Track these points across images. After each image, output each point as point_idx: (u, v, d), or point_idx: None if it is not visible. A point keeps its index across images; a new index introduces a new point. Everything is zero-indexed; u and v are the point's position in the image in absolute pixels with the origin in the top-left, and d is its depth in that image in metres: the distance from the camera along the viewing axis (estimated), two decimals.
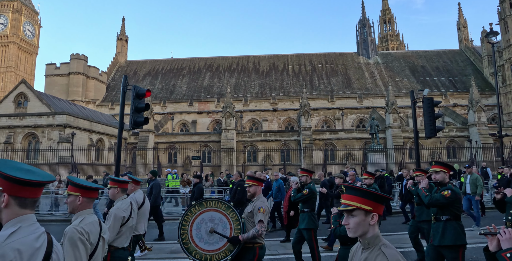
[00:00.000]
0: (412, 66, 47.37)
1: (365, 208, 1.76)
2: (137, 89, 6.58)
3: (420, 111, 42.57)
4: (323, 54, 50.93)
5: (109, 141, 34.11)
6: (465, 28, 49.18)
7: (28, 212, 1.53)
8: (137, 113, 6.56)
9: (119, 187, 3.88)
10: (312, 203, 5.87)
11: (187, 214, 3.98)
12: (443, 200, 4.10)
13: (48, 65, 44.15)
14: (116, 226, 3.61)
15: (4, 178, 1.49)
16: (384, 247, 1.73)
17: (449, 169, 4.39)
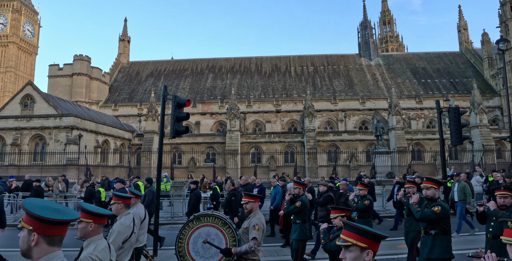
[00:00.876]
0: (413, 68, 47.79)
1: (360, 245, 1.87)
2: (177, 99, 6.76)
3: (422, 113, 42.84)
4: (325, 56, 51.23)
5: (114, 142, 34.21)
6: (465, 30, 49.66)
7: (56, 250, 1.65)
8: (177, 122, 6.73)
9: (123, 202, 3.96)
10: (304, 215, 6.02)
11: (185, 228, 4.12)
12: (434, 215, 4.28)
13: (51, 66, 44.10)
14: (117, 241, 3.66)
15: (35, 219, 1.61)
16: None
17: (439, 185, 4.57)
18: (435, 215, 4.27)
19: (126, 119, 42.87)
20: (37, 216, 1.60)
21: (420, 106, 41.39)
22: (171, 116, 6.62)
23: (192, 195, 8.98)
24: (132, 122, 42.95)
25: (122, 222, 3.78)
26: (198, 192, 9.27)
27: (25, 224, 1.64)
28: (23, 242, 1.63)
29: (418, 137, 36.51)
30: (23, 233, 1.64)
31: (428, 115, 41.47)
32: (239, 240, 4.00)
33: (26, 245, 1.62)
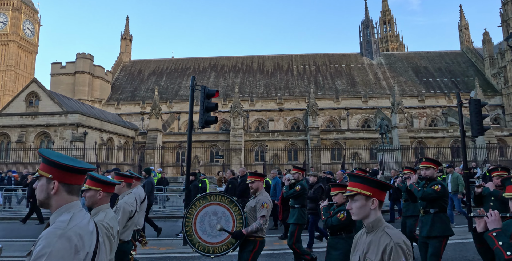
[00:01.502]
0: (415, 67, 48.03)
1: (364, 193, 1.90)
2: (206, 90, 6.85)
3: (424, 112, 43.07)
4: (326, 55, 51.39)
5: (118, 140, 34.22)
6: (466, 29, 49.95)
7: (75, 199, 1.60)
8: (207, 112, 6.82)
9: (125, 181, 3.99)
10: (303, 199, 6.10)
11: (192, 207, 4.11)
12: (435, 194, 4.39)
13: (54, 64, 44.04)
14: (124, 220, 3.65)
15: (54, 166, 1.55)
16: (387, 228, 1.85)
17: (437, 165, 4.68)
18: (436, 194, 4.37)
19: (129, 118, 42.85)
20: (58, 163, 1.56)
21: (422, 105, 41.60)
22: (200, 106, 6.69)
23: (192, 187, 9.13)
24: (135, 120, 42.95)
25: (126, 201, 3.76)
26: (197, 184, 9.33)
27: (43, 173, 1.58)
28: (41, 191, 1.58)
29: (420, 135, 36.69)
30: (40, 182, 1.59)
31: (430, 114, 41.69)
32: (246, 218, 4.02)
33: (45, 194, 1.57)
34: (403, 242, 1.76)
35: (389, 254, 1.73)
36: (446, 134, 36.33)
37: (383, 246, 1.77)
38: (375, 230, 1.88)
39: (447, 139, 35.87)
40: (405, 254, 1.73)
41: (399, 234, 1.82)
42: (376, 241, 1.83)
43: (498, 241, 2.06)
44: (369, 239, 1.89)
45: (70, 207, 1.55)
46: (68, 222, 1.46)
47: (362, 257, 1.90)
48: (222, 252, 3.95)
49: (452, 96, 41.71)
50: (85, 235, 1.48)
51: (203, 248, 3.97)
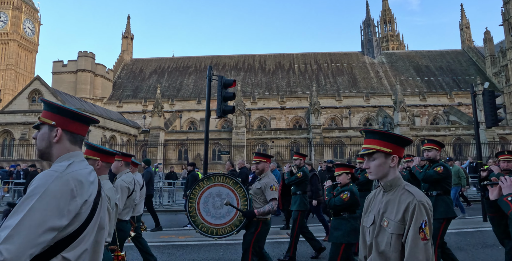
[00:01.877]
0: (416, 65, 48.12)
1: (384, 150, 1.74)
2: (224, 79, 6.87)
3: (425, 110, 43.12)
4: (328, 53, 51.46)
5: (121, 138, 34.21)
6: (467, 28, 50.08)
7: (77, 149, 1.50)
8: (224, 102, 6.84)
9: (123, 160, 3.89)
10: (305, 185, 6.04)
11: (195, 188, 4.01)
12: (436, 175, 4.33)
13: (55, 63, 43.99)
14: (123, 198, 3.59)
15: (58, 112, 1.47)
16: (407, 187, 1.73)
17: (440, 146, 4.60)
18: (438, 175, 4.32)
19: (131, 116, 42.83)
20: (62, 108, 1.48)
21: (424, 103, 41.69)
22: (217, 95, 6.72)
23: (190, 177, 9.09)
24: (137, 118, 42.93)
25: (124, 179, 3.69)
26: (196, 174, 9.38)
27: (46, 119, 1.47)
28: (42, 139, 1.47)
29: (422, 133, 36.75)
30: (42, 130, 1.48)
31: (432, 112, 41.78)
32: (250, 199, 3.93)
33: (47, 142, 1.46)
34: (426, 201, 1.66)
35: (412, 212, 1.63)
36: (448, 132, 36.43)
37: (405, 205, 1.66)
38: (394, 189, 1.76)
39: (449, 137, 35.95)
40: (428, 213, 1.64)
41: (421, 193, 1.71)
42: (396, 200, 1.71)
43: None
44: (386, 198, 1.76)
45: (72, 156, 1.45)
46: (66, 166, 1.35)
47: (378, 217, 1.76)
48: (226, 234, 3.86)
49: (454, 95, 41.82)
50: (85, 182, 1.36)
51: (206, 230, 3.89)
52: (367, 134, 1.87)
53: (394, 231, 1.66)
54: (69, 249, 1.27)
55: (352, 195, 3.93)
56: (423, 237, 1.58)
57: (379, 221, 1.74)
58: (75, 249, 1.29)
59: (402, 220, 1.65)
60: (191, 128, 43.07)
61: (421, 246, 1.57)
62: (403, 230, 1.64)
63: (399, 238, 1.65)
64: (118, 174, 3.84)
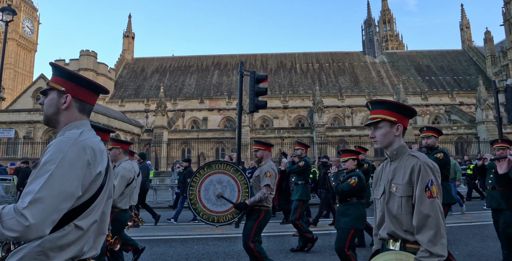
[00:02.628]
0: (417, 65, 48.40)
1: (390, 119, 1.79)
2: (256, 75, 6.94)
3: (427, 110, 43.29)
4: (329, 53, 51.63)
5: (125, 137, 34.14)
6: (467, 28, 50.45)
7: (85, 118, 1.45)
8: (256, 97, 6.91)
9: (121, 148, 3.79)
10: (306, 175, 5.99)
11: (196, 175, 3.98)
12: (437, 162, 4.20)
13: (57, 61, 43.78)
14: (122, 185, 3.53)
15: (68, 78, 1.41)
16: (412, 152, 1.77)
17: (439, 134, 4.57)
18: (439, 161, 4.24)
19: (133, 115, 42.77)
20: (73, 74, 1.42)
21: (425, 103, 41.94)
22: (249, 91, 6.78)
23: (186, 173, 9.17)
24: (139, 118, 42.87)
25: (124, 166, 3.63)
26: (191, 170, 9.43)
27: (55, 85, 1.40)
28: (50, 105, 1.40)
29: None
30: (50, 95, 1.42)
31: (434, 112, 42.05)
32: (252, 187, 3.92)
33: (55, 108, 1.39)
34: (431, 163, 1.70)
35: (418, 173, 1.67)
36: (450, 131, 36.68)
37: (410, 167, 1.70)
38: (400, 157, 1.80)
39: (451, 136, 36.19)
40: (434, 173, 1.67)
41: (425, 156, 1.76)
42: (402, 165, 1.76)
43: None
44: (393, 166, 1.81)
45: (80, 124, 1.39)
46: (79, 134, 1.31)
47: (387, 186, 1.79)
48: (227, 221, 3.87)
49: (455, 94, 42.12)
50: (98, 151, 1.32)
51: (207, 217, 3.88)
52: (373, 105, 1.90)
53: (403, 193, 1.70)
54: (82, 217, 1.27)
55: (360, 180, 3.94)
56: (429, 195, 1.62)
57: (388, 188, 1.78)
58: (87, 218, 1.29)
59: (410, 182, 1.69)
60: (194, 127, 43.07)
61: (427, 203, 1.61)
62: (412, 192, 1.68)
63: (409, 200, 1.68)
64: (117, 162, 3.76)
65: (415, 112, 1.90)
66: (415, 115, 1.90)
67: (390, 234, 1.74)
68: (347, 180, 3.95)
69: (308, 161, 5.98)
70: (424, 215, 1.60)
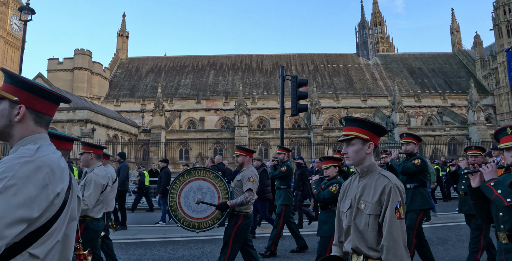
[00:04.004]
0: (409, 67, 49.46)
1: (362, 137, 1.84)
2: (298, 80, 7.19)
3: (420, 111, 44.22)
4: (324, 55, 52.26)
5: (123, 137, 33.92)
6: (458, 32, 51.82)
7: (43, 131, 1.29)
8: (298, 100, 7.13)
9: (94, 152, 3.60)
10: (288, 180, 6.02)
11: (176, 182, 4.02)
12: (415, 168, 4.41)
13: (51, 60, 43.08)
14: (96, 193, 3.35)
15: (22, 86, 1.23)
16: (382, 172, 1.83)
17: (418, 140, 4.69)
18: (416, 167, 4.41)
19: (129, 115, 42.43)
20: (28, 82, 1.24)
21: (418, 104, 42.93)
22: (291, 94, 7.01)
23: (163, 173, 9.06)
24: (135, 117, 42.55)
25: (97, 173, 3.43)
26: (168, 170, 9.38)
27: (6, 94, 1.22)
28: (1, 116, 1.21)
29: (419, 133, 37.76)
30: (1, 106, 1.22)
31: (426, 113, 43.08)
32: (231, 192, 3.97)
33: (6, 120, 1.21)
34: (399, 185, 1.78)
35: (388, 194, 1.73)
36: (443, 132, 37.70)
37: (381, 187, 1.76)
38: (370, 174, 1.86)
39: (444, 137, 37.21)
40: (401, 195, 1.76)
41: (395, 177, 1.82)
42: (372, 184, 1.81)
43: (496, 190, 2.09)
44: (363, 183, 1.86)
45: (38, 138, 1.24)
46: (35, 150, 1.15)
47: (355, 201, 1.86)
48: (208, 227, 3.92)
49: (447, 96, 43.24)
50: (57, 169, 1.16)
51: (188, 224, 3.93)
52: (347, 121, 1.95)
53: (372, 212, 1.76)
54: (37, 244, 1.10)
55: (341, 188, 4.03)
56: (399, 216, 1.70)
57: (356, 204, 1.83)
58: (43, 245, 1.11)
59: (379, 202, 1.75)
60: (190, 128, 43.00)
61: (397, 224, 1.69)
62: (380, 211, 1.74)
63: (376, 218, 1.75)
64: (89, 168, 3.55)
65: (386, 131, 1.98)
66: (385, 134, 1.98)
67: (354, 249, 1.81)
68: (328, 187, 3.97)
69: (290, 166, 5.98)
70: (394, 237, 1.67)
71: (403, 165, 4.50)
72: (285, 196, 5.81)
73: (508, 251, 2.13)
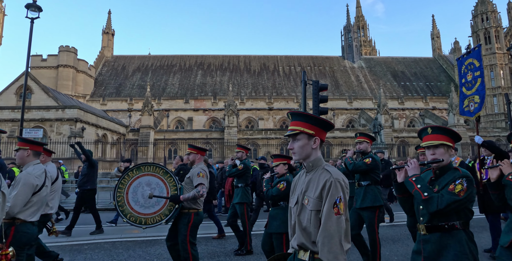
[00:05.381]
0: (393, 71, 51.05)
1: (307, 132, 1.81)
2: (320, 84, 7.54)
3: (403, 113, 45.72)
4: (310, 57, 53.14)
5: (112, 136, 33.41)
6: (438, 38, 53.90)
7: None
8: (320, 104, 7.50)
9: (31, 149, 3.26)
10: (246, 178, 5.95)
11: (124, 177, 3.99)
12: (365, 166, 4.47)
13: (34, 56, 41.74)
14: (25, 194, 3.05)
15: None
16: (327, 166, 1.80)
17: (371, 139, 4.79)
18: (366, 166, 4.46)
19: (116, 114, 41.77)
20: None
21: (402, 107, 44.41)
22: (312, 98, 7.36)
23: None
24: (122, 117, 41.93)
25: (30, 172, 3.14)
26: None
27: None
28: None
29: (403, 135, 39.25)
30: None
31: (409, 115, 44.61)
32: (181, 189, 3.97)
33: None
34: (342, 179, 1.74)
35: (328, 189, 1.70)
36: None
37: (322, 182, 1.74)
38: (315, 169, 1.83)
39: None
40: (343, 189, 1.71)
41: (338, 172, 1.79)
42: (316, 178, 1.79)
43: (417, 184, 2.21)
44: (308, 178, 1.84)
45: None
46: None
47: (300, 196, 1.83)
48: (155, 223, 3.90)
49: (428, 99, 44.93)
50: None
51: (134, 219, 3.90)
52: (293, 116, 1.93)
53: (313, 207, 1.73)
54: None
55: (288, 185, 3.94)
56: (337, 211, 1.65)
57: (301, 199, 1.81)
58: None
59: (320, 196, 1.72)
60: (178, 127, 42.79)
61: (333, 219, 1.64)
62: (321, 206, 1.71)
63: (317, 214, 1.72)
64: (25, 166, 3.26)
65: (332, 126, 1.93)
66: (332, 129, 1.93)
67: (300, 245, 1.79)
68: (277, 185, 4.01)
69: (248, 164, 5.94)
70: (329, 233, 1.64)
71: (354, 163, 4.56)
72: (242, 194, 5.76)
73: (426, 241, 2.23)
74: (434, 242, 2.19)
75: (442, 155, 2.27)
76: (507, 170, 2.81)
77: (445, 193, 2.12)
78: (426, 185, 2.20)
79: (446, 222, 2.16)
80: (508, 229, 2.79)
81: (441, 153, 2.27)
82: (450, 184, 2.15)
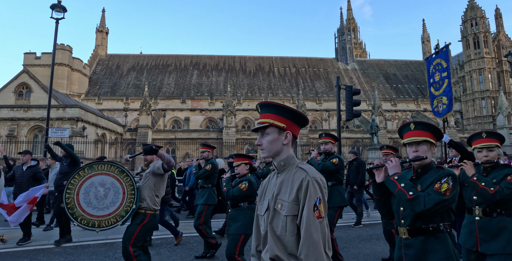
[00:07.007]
0: (385, 73, 52.26)
1: (278, 125, 1.59)
2: (353, 89, 8.01)
3: (396, 115, 46.87)
4: (305, 58, 53.87)
5: (110, 136, 33.25)
6: (428, 41, 55.39)
7: None
8: (353, 107, 7.97)
9: None
10: (213, 178, 5.71)
11: (74, 177, 3.70)
12: (333, 166, 4.54)
13: (27, 54, 41.11)
14: None
15: None
16: (301, 165, 1.57)
17: (335, 140, 4.85)
18: (334, 166, 4.53)
19: (111, 113, 41.47)
20: None
21: (394, 109, 45.56)
22: (345, 101, 7.83)
23: None
24: (117, 116, 41.66)
25: None
26: None
27: None
28: None
29: (396, 136, 40.27)
30: None
31: (402, 117, 45.80)
32: (138, 189, 3.72)
33: None
34: (319, 178, 1.51)
35: (305, 189, 1.47)
36: None
37: (298, 182, 1.50)
38: (288, 169, 1.59)
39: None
40: (322, 190, 1.49)
41: (315, 170, 1.56)
42: (289, 179, 1.55)
43: (400, 183, 2.05)
44: (280, 179, 1.59)
45: None
46: None
47: (272, 201, 1.57)
48: (110, 225, 3.63)
49: (420, 101, 46.21)
50: None
51: (87, 222, 3.61)
52: (262, 108, 1.69)
53: (289, 212, 1.49)
54: None
55: (250, 185, 3.88)
56: (318, 215, 1.44)
57: (273, 204, 1.56)
58: None
59: (296, 199, 1.49)
60: (175, 127, 42.80)
61: (316, 225, 1.43)
62: (298, 210, 1.48)
63: (294, 219, 1.48)
64: None
65: (307, 120, 1.69)
66: (307, 124, 1.70)
67: (273, 258, 1.51)
68: (238, 185, 3.89)
69: (215, 164, 5.68)
70: (313, 240, 1.41)
71: (322, 164, 4.56)
72: (209, 196, 5.48)
73: (408, 246, 2.06)
74: (417, 247, 2.02)
75: (425, 152, 2.10)
76: (470, 172, 2.72)
77: (432, 192, 1.97)
78: (410, 184, 2.04)
79: (430, 224, 2.00)
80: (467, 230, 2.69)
81: (424, 150, 2.11)
82: (436, 183, 2.00)
